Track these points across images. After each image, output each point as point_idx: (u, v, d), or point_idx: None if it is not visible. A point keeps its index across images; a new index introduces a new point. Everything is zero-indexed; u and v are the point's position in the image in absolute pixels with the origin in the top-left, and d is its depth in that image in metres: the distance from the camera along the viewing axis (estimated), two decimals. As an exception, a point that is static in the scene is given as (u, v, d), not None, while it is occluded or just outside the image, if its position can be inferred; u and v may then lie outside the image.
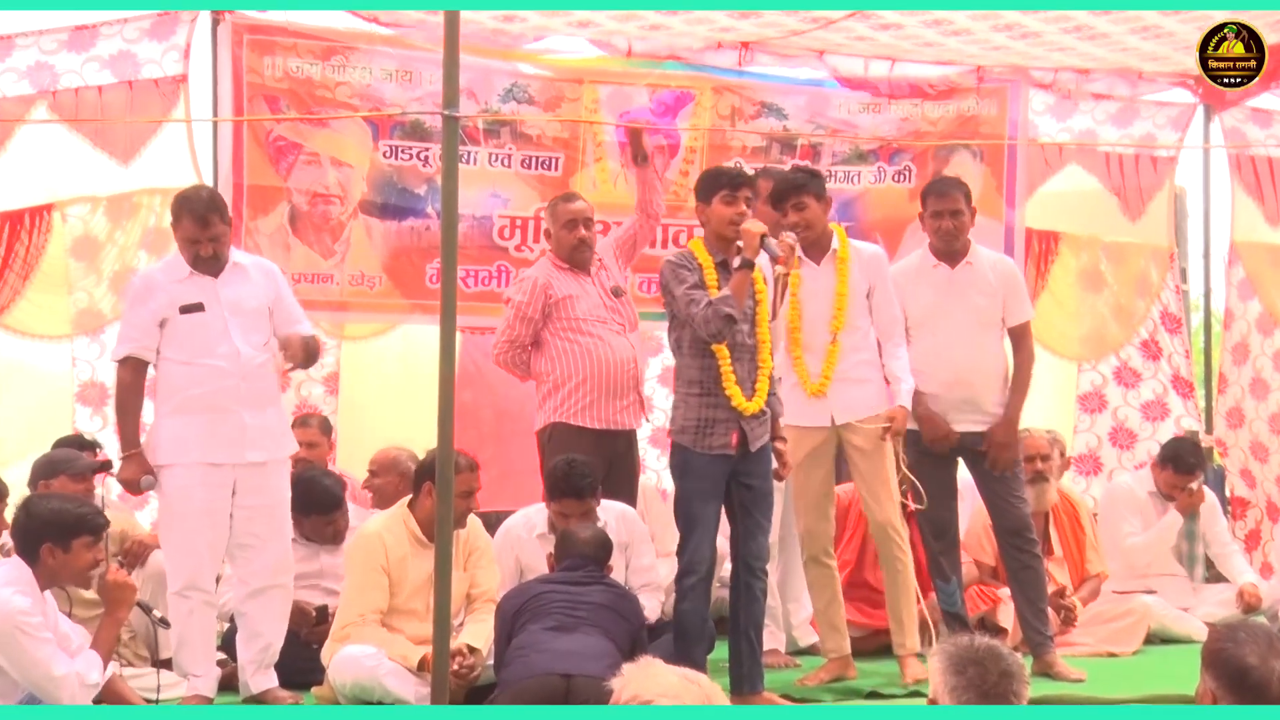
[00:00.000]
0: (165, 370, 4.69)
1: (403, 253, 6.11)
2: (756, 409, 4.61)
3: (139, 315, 4.69)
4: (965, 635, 2.58)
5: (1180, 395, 7.08)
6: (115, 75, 5.65)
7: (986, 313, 5.18)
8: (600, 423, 5.34)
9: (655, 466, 6.87)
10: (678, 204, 6.46)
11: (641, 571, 5.15)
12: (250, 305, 4.73)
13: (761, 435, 4.64)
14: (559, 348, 5.36)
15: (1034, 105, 6.88)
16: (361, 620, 4.69)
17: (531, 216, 6.24)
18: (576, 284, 5.41)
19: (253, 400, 4.67)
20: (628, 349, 5.42)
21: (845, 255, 4.92)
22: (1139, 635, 5.72)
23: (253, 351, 4.69)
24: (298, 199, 5.94)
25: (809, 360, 4.93)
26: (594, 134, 6.33)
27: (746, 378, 4.62)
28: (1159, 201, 7.09)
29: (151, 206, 5.74)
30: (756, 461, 4.64)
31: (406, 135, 6.10)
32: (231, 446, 4.63)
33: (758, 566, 4.68)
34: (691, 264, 4.66)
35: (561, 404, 5.33)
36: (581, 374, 5.32)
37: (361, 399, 6.34)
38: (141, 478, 4.64)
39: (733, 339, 4.59)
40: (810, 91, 6.62)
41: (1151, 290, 7.11)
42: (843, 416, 4.93)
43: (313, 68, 5.90)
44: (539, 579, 4.70)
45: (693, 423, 4.64)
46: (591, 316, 5.38)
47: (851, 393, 4.91)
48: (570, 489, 4.87)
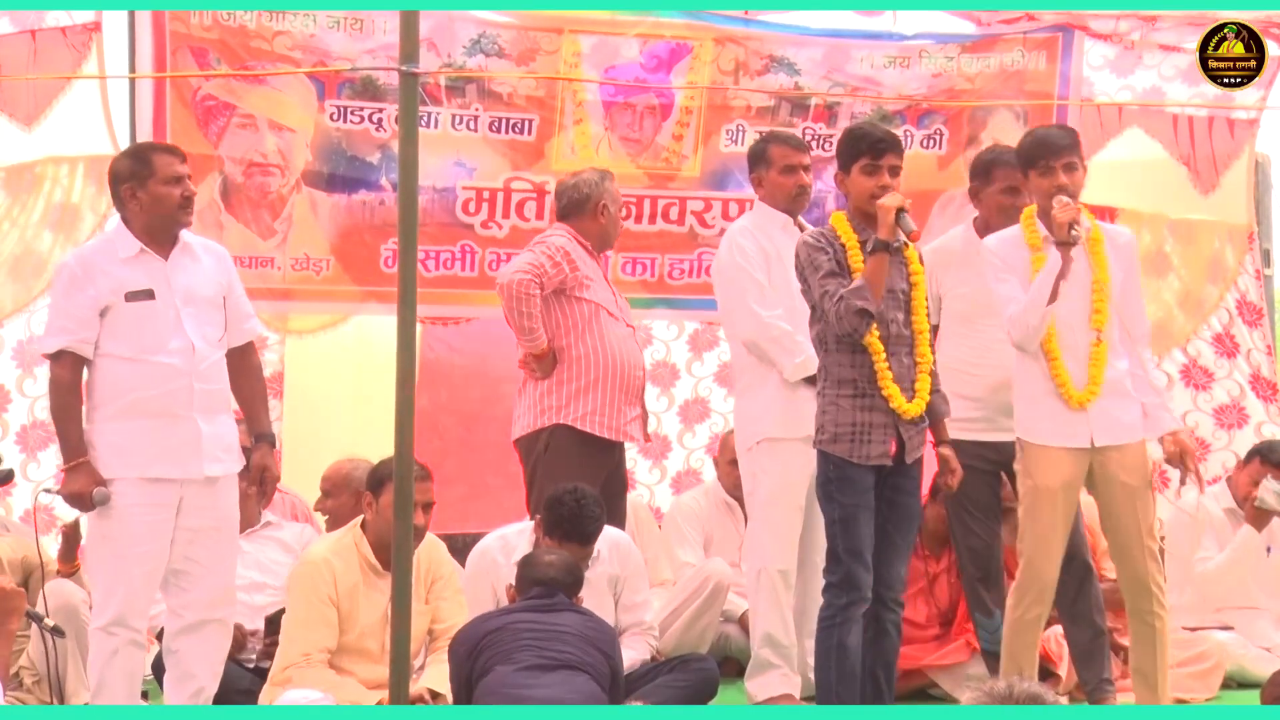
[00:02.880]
0: (105, 368, 4.57)
1: (353, 231, 6.10)
2: (917, 412, 4.60)
3: (75, 303, 4.56)
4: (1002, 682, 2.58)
5: (1261, 399, 7.06)
6: (14, 24, 5.63)
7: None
8: (610, 433, 5.37)
9: (647, 481, 6.90)
10: (669, 172, 6.48)
11: (633, 609, 5.15)
12: (205, 293, 4.67)
13: (919, 444, 4.64)
14: (573, 335, 5.37)
15: (1090, 59, 6.87)
16: (306, 660, 4.70)
17: (501, 188, 6.24)
18: (596, 270, 5.50)
19: (208, 405, 4.61)
20: (637, 354, 5.51)
21: (1098, 236, 4.79)
22: (1215, 680, 5.74)
23: (207, 347, 4.62)
24: (231, 169, 5.93)
25: (1068, 364, 4.76)
26: (574, 92, 6.32)
27: (904, 375, 4.60)
28: (1236, 172, 7.08)
29: (57, 178, 5.73)
30: (907, 475, 4.62)
31: (357, 94, 6.08)
32: (185, 459, 4.56)
33: (890, 597, 4.64)
34: (830, 244, 4.64)
35: (568, 404, 5.33)
36: (594, 374, 5.34)
37: (310, 402, 6.34)
38: (94, 490, 4.50)
39: (886, 331, 4.58)
40: (828, 43, 6.62)
41: (1226, 275, 7.11)
42: (1104, 438, 4.78)
43: (247, 15, 5.87)
44: (497, 611, 4.63)
45: (847, 429, 4.58)
46: (606, 309, 5.44)
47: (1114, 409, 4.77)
48: (577, 532, 4.80)
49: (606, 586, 5.08)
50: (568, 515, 4.81)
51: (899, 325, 4.61)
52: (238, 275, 4.90)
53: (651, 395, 6.77)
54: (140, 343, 4.55)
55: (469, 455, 6.19)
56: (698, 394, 6.97)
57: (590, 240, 5.50)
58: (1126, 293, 4.83)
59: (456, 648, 4.48)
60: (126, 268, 4.59)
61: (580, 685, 4.31)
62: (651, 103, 6.43)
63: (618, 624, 4.99)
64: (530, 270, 5.33)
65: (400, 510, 4.06)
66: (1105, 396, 4.74)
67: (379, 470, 4.83)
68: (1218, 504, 6.31)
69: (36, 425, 5.77)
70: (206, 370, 4.62)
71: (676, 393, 6.99)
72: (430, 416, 6.30)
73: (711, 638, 5.64)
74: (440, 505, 5.12)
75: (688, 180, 6.46)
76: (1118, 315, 4.77)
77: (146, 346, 4.55)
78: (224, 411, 4.72)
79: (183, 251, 4.68)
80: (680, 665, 5.08)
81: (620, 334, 5.45)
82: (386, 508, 4.57)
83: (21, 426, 5.85)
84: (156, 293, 4.57)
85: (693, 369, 6.99)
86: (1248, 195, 7.12)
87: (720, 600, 5.60)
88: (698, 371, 6.97)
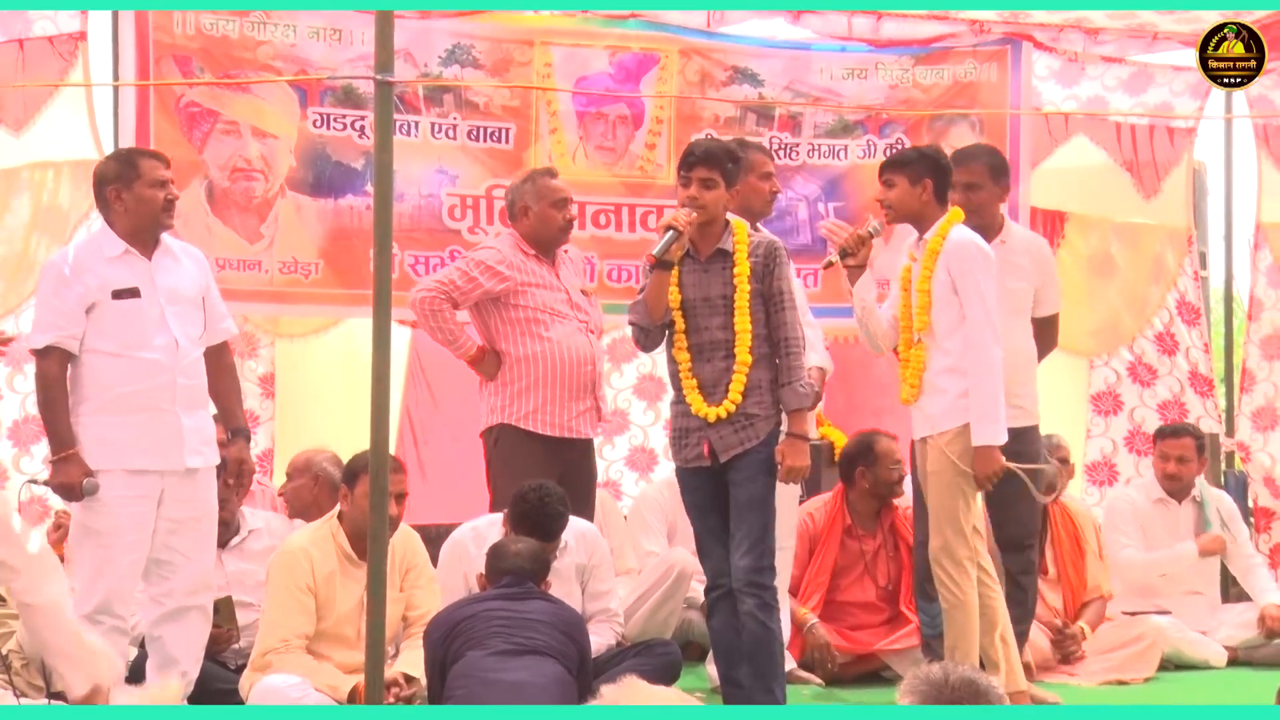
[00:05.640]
0: (91, 364, 4.56)
1: (341, 235, 6.07)
2: (721, 415, 4.54)
3: (64, 300, 4.55)
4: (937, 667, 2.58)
5: (1198, 394, 7.10)
6: (3, 33, 5.60)
7: (1018, 297, 5.16)
8: (554, 429, 5.33)
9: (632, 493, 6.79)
10: (645, 181, 6.48)
11: (599, 597, 5.14)
12: (187, 293, 4.68)
13: (735, 443, 4.56)
14: (512, 340, 5.35)
15: (1037, 70, 6.89)
16: (284, 646, 4.68)
17: (483, 195, 6.22)
18: (540, 272, 5.42)
19: (189, 400, 4.63)
20: (587, 349, 5.42)
21: (935, 247, 4.83)
22: (1152, 661, 5.76)
23: (189, 344, 4.64)
24: (215, 174, 5.90)
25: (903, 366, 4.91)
26: (548, 102, 6.32)
27: (718, 380, 4.57)
28: (1176, 178, 7.11)
29: (44, 183, 5.69)
30: (735, 469, 4.57)
31: (338, 102, 6.07)
32: (167, 451, 4.57)
33: (736, 586, 4.55)
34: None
35: (511, 403, 5.32)
36: (535, 374, 5.32)
37: (301, 402, 6.31)
38: (83, 480, 4.50)
39: (698, 339, 4.57)
40: (787, 55, 6.63)
41: (1167, 277, 7.14)
42: (919, 431, 4.92)
43: (229, 24, 5.86)
44: (470, 598, 4.64)
45: (671, 434, 4.71)
46: (551, 310, 5.38)
47: (926, 404, 4.86)
48: (540, 528, 4.77)
49: (574, 575, 5.07)
50: (530, 511, 4.80)
51: (712, 331, 4.57)
52: (213, 278, 4.91)
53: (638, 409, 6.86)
54: (125, 339, 4.55)
55: (444, 451, 6.17)
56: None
57: (530, 242, 5.44)
58: (961, 294, 4.81)
59: (431, 633, 4.48)
60: (112, 267, 4.59)
61: (548, 670, 4.32)
62: (623, 113, 6.43)
63: (585, 611, 4.98)
64: (436, 288, 5.33)
65: (375, 502, 4.05)
66: (924, 393, 4.87)
67: (354, 463, 4.82)
68: (1147, 497, 6.36)
69: (28, 420, 5.74)
70: (188, 366, 4.64)
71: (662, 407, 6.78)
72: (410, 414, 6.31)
73: (675, 624, 5.64)
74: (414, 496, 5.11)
75: (663, 188, 6.41)
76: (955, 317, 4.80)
77: (131, 343, 4.55)
78: (203, 406, 4.73)
79: (164, 253, 4.69)
80: (645, 650, 5.07)
81: (565, 332, 5.37)
82: (361, 498, 4.57)
83: (14, 422, 5.82)
84: (142, 291, 4.58)
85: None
86: (1187, 200, 7.16)
87: (683, 588, 5.60)
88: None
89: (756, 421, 4.54)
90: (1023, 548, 5.30)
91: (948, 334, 4.81)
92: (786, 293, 4.57)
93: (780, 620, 4.64)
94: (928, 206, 4.87)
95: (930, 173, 4.87)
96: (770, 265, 4.56)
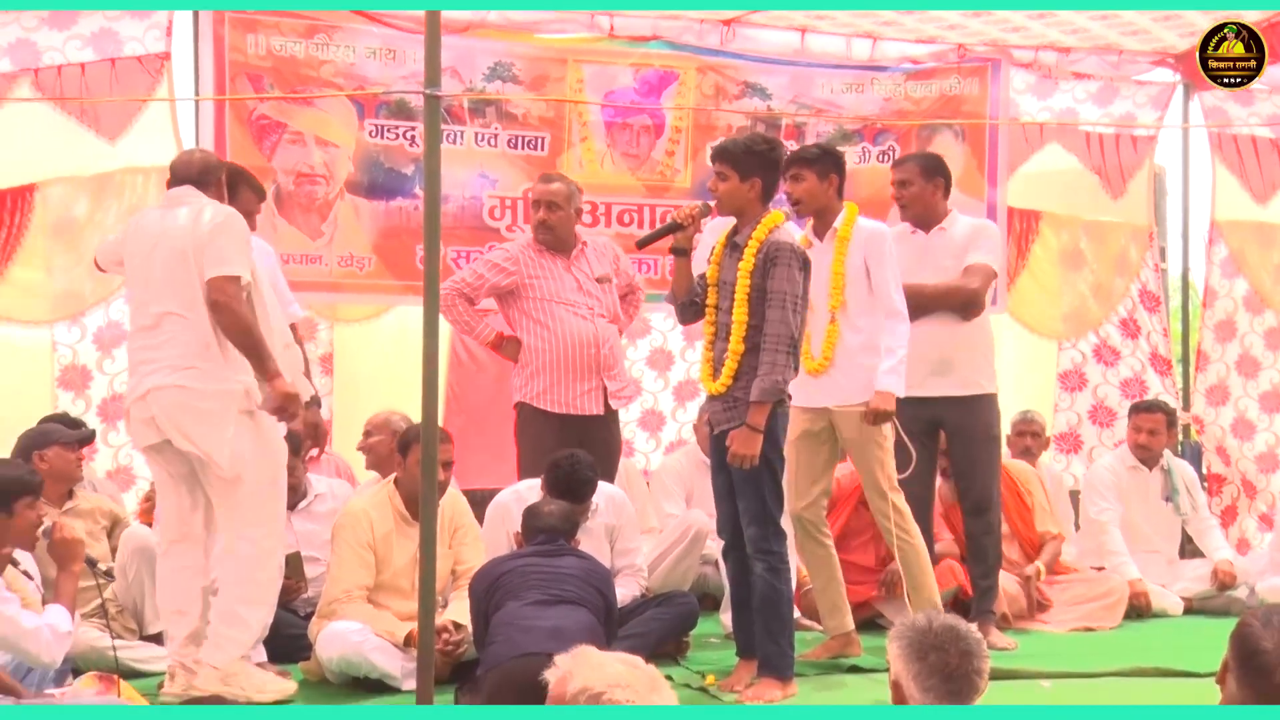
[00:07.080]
0: None
1: (392, 233, 6.11)
2: (716, 391, 4.53)
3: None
4: (922, 615, 2.58)
5: (1158, 373, 7.13)
6: (97, 53, 5.63)
7: (953, 273, 5.21)
8: (559, 407, 5.37)
9: (644, 449, 6.88)
10: (664, 184, 6.48)
11: (626, 554, 5.17)
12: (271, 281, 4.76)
13: (723, 420, 4.54)
14: (525, 328, 5.43)
15: (1015, 84, 6.90)
16: (348, 596, 4.71)
17: (520, 197, 6.25)
18: (547, 266, 5.45)
19: None
20: (590, 333, 5.41)
21: (846, 234, 4.83)
22: (1118, 612, 5.79)
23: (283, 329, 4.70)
24: (282, 179, 5.94)
25: (812, 339, 4.84)
26: (579, 113, 6.33)
27: (720, 359, 4.55)
28: (1139, 180, 7.12)
29: (134, 185, 5.73)
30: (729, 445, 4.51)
31: (392, 114, 6.09)
32: None
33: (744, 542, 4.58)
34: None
35: (526, 384, 5.42)
36: (542, 358, 5.38)
37: (357, 380, 6.34)
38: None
39: (720, 318, 4.56)
40: (792, 71, 6.63)
41: (1131, 269, 7.15)
42: (831, 401, 4.88)
43: (296, 46, 5.89)
44: (509, 555, 4.65)
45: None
46: (556, 299, 5.41)
47: (841, 377, 4.84)
48: (571, 491, 4.81)
49: (604, 535, 5.09)
50: (563, 477, 4.84)
51: (724, 314, 4.56)
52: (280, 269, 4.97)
53: (650, 377, 6.87)
54: None
55: (486, 424, 6.19)
56: (689, 376, 6.95)
57: (540, 241, 5.49)
58: (874, 277, 4.80)
59: (475, 585, 4.50)
60: None
61: (580, 618, 4.32)
62: (646, 123, 6.46)
63: (613, 566, 5.00)
64: (451, 286, 5.39)
65: (426, 469, 4.08)
66: (837, 366, 4.82)
67: (407, 434, 4.85)
68: (1122, 464, 6.37)
69: (115, 399, 5.77)
70: None
71: (671, 375, 6.96)
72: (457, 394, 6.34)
73: (693, 577, 5.65)
74: (462, 464, 5.15)
75: (680, 190, 6.46)
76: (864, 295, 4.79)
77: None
78: None
79: None
80: (665, 600, 5.09)
81: (568, 317, 5.39)
82: (414, 466, 4.61)
83: (102, 400, 5.84)
84: None
85: (685, 355, 6.94)
86: (1148, 201, 7.17)
87: (700, 546, 5.61)
88: (690, 357, 6.93)
89: (741, 405, 4.48)
90: (982, 511, 5.33)
91: (860, 312, 4.81)
92: (777, 293, 4.41)
93: (789, 579, 4.61)
94: (832, 200, 4.86)
95: (834, 169, 4.87)
96: (768, 265, 4.43)
